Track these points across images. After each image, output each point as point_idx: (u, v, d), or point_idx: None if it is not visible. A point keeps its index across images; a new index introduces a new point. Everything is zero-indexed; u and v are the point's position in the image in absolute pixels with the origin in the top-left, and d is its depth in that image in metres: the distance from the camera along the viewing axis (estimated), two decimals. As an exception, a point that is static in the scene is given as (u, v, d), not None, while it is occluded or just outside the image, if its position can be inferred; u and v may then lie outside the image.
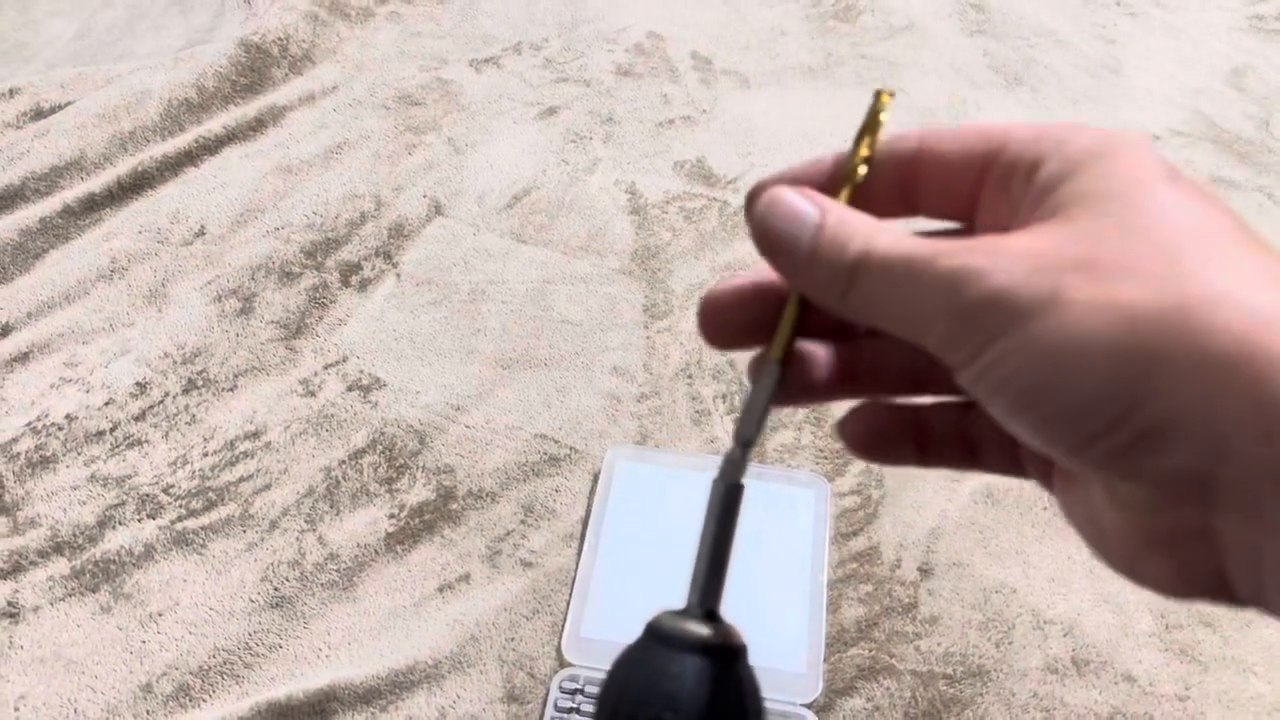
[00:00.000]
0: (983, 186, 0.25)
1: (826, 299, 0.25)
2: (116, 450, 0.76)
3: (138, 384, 0.80)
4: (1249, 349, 0.18)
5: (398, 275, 0.88)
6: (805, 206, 0.25)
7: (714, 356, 0.82)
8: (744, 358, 0.81)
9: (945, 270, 0.22)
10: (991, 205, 0.25)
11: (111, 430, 0.77)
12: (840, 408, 0.30)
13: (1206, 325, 0.19)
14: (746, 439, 0.27)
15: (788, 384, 0.27)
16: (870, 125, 0.26)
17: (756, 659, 0.61)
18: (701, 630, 0.25)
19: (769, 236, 0.25)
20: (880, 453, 0.29)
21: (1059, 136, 0.23)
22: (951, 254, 0.22)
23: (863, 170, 0.26)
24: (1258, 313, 0.19)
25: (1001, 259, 0.21)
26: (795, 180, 0.27)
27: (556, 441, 0.77)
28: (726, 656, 0.25)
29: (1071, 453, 0.21)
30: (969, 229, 0.26)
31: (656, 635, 0.25)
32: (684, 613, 0.26)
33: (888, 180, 0.26)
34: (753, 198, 0.26)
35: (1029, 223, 0.22)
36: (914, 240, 0.23)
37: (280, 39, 1.07)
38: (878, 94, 0.27)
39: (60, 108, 1.01)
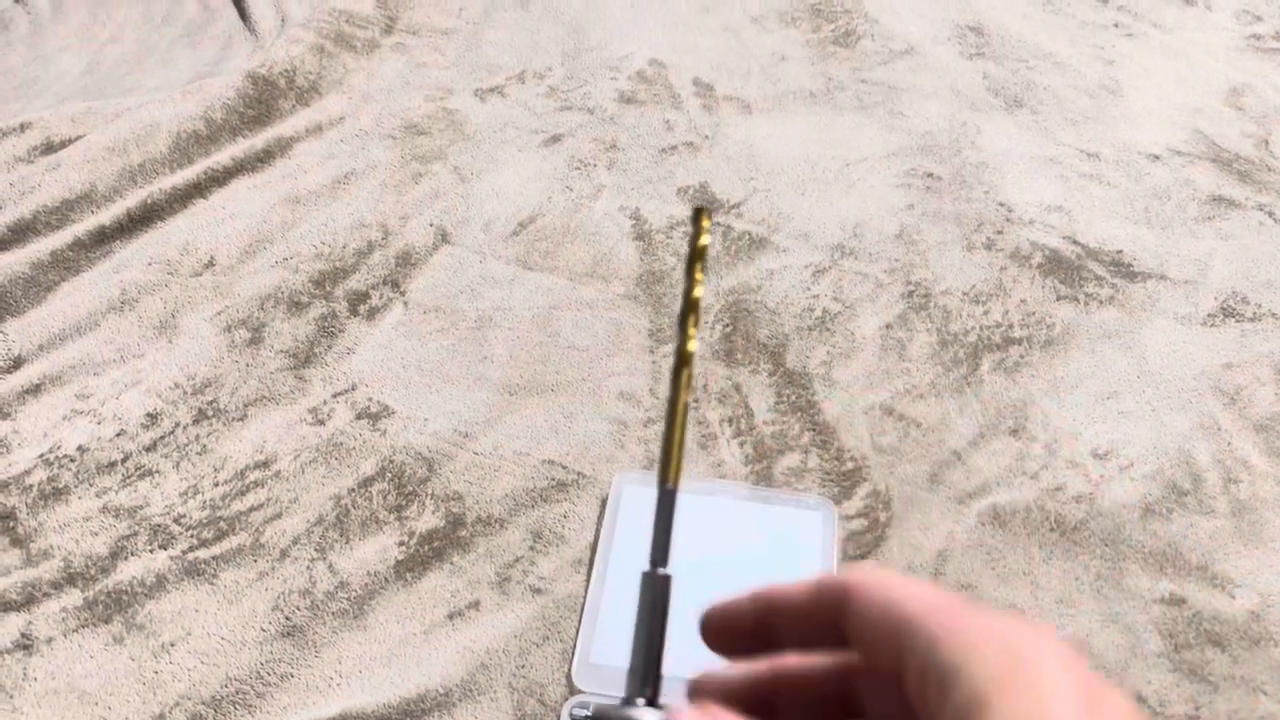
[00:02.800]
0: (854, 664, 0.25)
1: None
2: (128, 481, 0.77)
3: (149, 415, 0.81)
4: None
5: (405, 304, 0.89)
6: None
7: (719, 381, 0.83)
8: (750, 381, 0.81)
9: None
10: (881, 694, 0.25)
11: (123, 461, 0.78)
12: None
13: None
14: (659, 560, 0.29)
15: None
16: (699, 251, 0.29)
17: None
18: (643, 716, 0.27)
19: None
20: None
21: (965, 641, 0.22)
22: None
23: (699, 292, 0.29)
24: None
25: None
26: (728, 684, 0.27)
27: (564, 467, 0.77)
28: None
29: None
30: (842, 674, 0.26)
31: None
32: (625, 701, 0.27)
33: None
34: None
35: None
36: None
37: (287, 71, 1.09)
38: (697, 213, 0.29)
39: (70, 142, 1.02)
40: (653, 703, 0.27)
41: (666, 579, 0.29)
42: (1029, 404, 0.81)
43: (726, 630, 0.27)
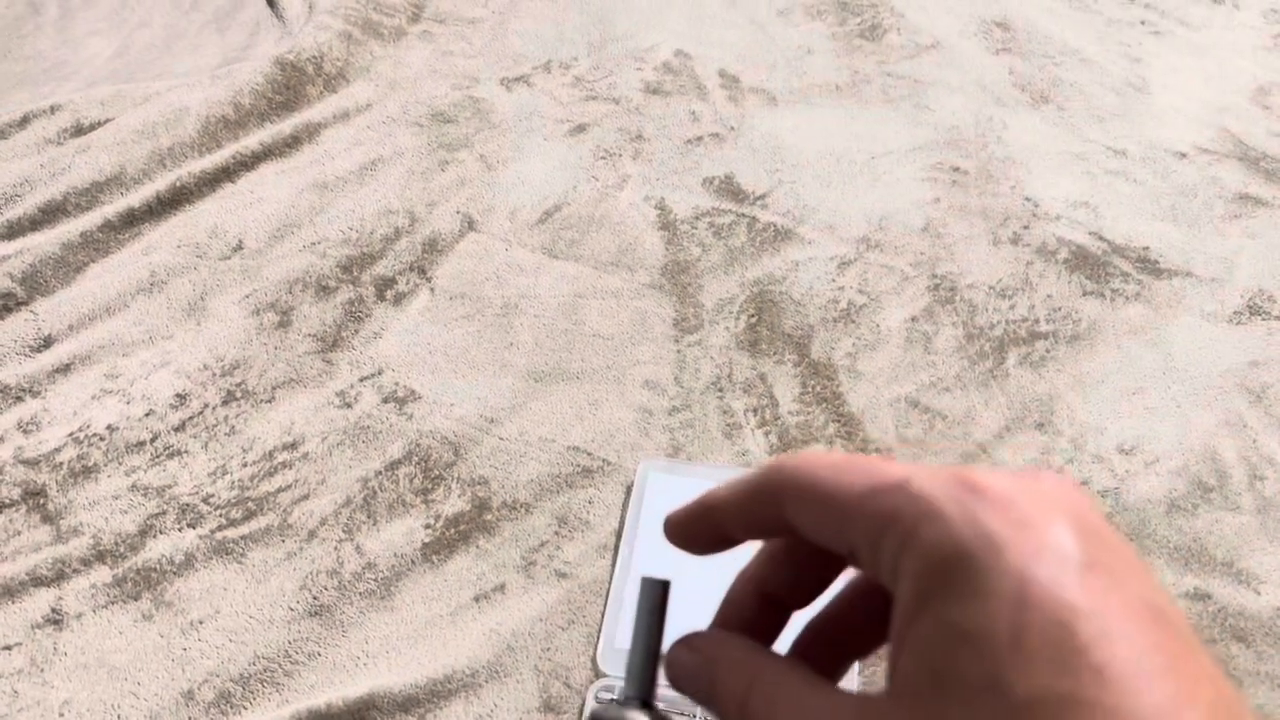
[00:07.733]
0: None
1: None
2: (157, 460, 0.77)
3: (177, 395, 0.81)
4: None
5: (431, 289, 0.90)
6: (694, 667, 0.26)
7: (744, 370, 0.83)
8: (775, 371, 0.81)
9: None
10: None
11: (152, 441, 0.78)
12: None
13: None
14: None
15: None
16: None
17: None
18: (638, 717, 0.27)
19: (681, 688, 0.27)
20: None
21: (904, 516, 0.21)
22: None
23: None
24: None
25: None
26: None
27: (589, 454, 0.78)
28: None
29: None
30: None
31: None
32: (623, 703, 0.28)
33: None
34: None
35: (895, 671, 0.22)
36: (787, 688, 0.24)
37: (315, 57, 1.09)
38: None
39: (100, 124, 1.03)
40: (648, 704, 0.28)
41: (665, 585, 0.29)
42: (1055, 398, 0.81)
43: (687, 536, 0.28)
